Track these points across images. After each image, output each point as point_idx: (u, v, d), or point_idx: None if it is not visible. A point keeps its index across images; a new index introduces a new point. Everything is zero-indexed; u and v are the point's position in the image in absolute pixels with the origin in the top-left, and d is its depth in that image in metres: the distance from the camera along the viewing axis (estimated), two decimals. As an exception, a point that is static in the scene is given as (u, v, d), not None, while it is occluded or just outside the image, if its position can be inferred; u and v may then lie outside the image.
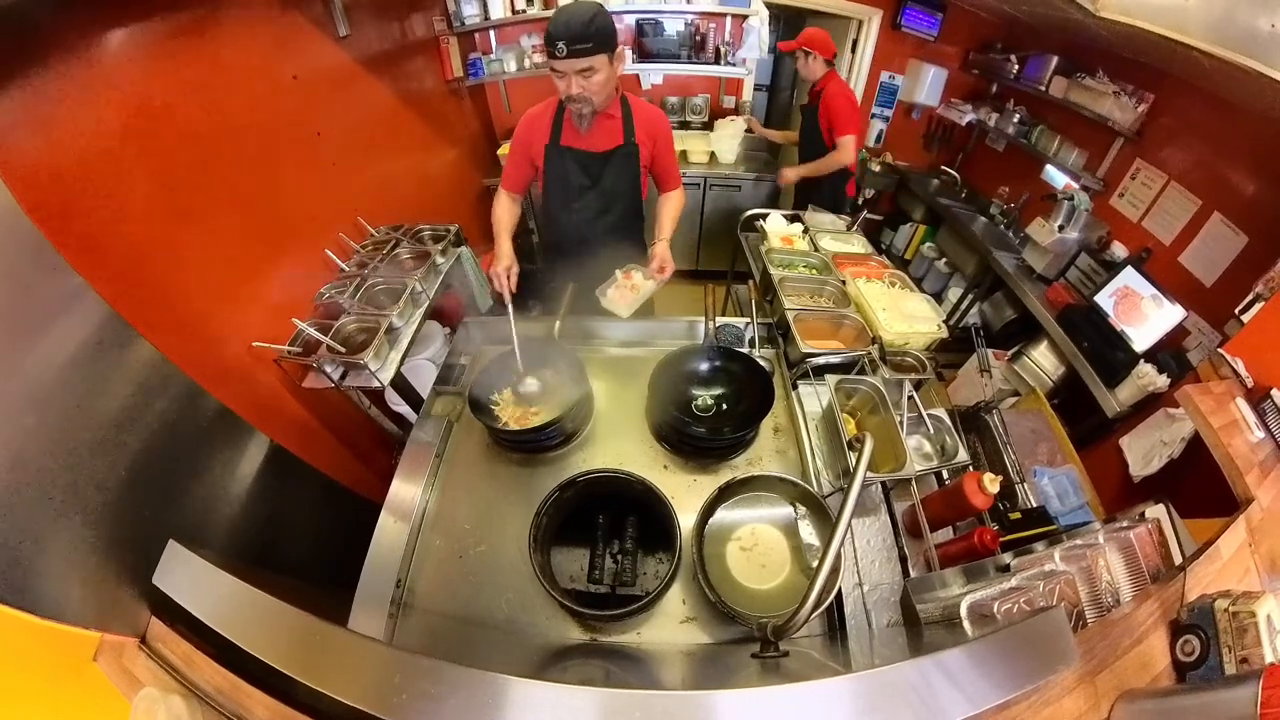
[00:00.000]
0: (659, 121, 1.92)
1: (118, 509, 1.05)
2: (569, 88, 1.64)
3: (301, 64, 2.06)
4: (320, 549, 1.67)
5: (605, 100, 1.76)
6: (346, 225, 2.31)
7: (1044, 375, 2.77)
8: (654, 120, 1.91)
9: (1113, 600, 1.18)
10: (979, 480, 1.28)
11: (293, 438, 1.69)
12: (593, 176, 1.94)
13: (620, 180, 1.95)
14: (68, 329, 1.01)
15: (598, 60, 1.59)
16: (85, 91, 1.26)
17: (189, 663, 1.01)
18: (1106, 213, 3.04)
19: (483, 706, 0.69)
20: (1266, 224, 2.31)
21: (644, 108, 1.91)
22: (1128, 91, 2.89)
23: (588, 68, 1.59)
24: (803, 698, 0.71)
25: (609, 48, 1.60)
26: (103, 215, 1.30)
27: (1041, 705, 0.96)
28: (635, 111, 1.88)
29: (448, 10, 3.36)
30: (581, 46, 1.54)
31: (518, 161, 1.95)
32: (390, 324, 1.88)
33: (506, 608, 1.26)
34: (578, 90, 1.64)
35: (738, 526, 1.34)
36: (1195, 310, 2.45)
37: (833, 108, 3.08)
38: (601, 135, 1.86)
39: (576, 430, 1.59)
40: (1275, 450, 1.65)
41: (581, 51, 1.55)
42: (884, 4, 3.90)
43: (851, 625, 1.22)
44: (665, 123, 1.95)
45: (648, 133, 1.89)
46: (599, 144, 1.87)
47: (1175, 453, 1.96)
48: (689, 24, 3.80)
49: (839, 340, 1.89)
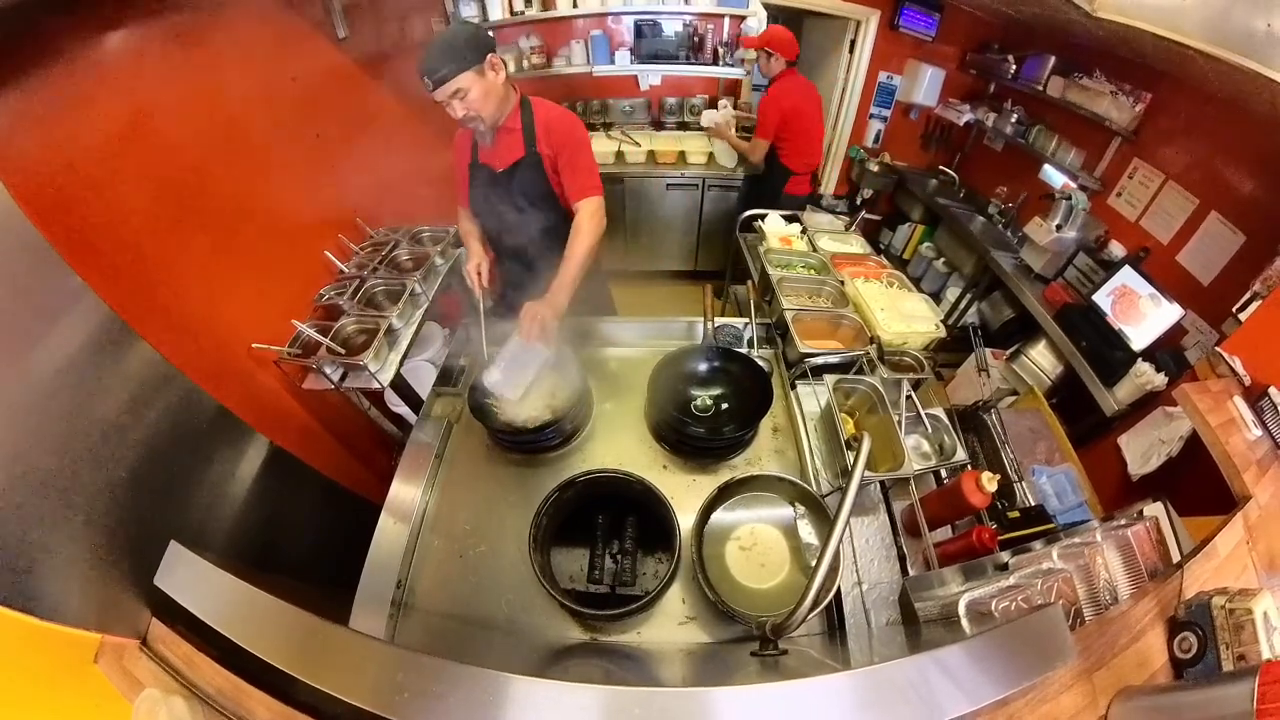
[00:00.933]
0: (559, 121, 1.79)
1: (117, 510, 1.05)
2: (454, 112, 1.62)
3: (301, 66, 2.07)
4: (320, 550, 1.67)
5: (497, 112, 1.69)
6: (346, 227, 2.32)
7: (1042, 374, 2.77)
8: (553, 122, 1.79)
9: (1110, 598, 1.18)
10: (977, 479, 1.28)
11: (292, 439, 1.69)
12: (501, 193, 1.87)
13: (529, 192, 1.85)
14: (67, 330, 1.02)
15: (463, 79, 1.56)
16: (85, 93, 1.27)
17: (190, 664, 1.01)
18: (1104, 212, 3.05)
19: (484, 704, 0.70)
20: (1264, 223, 2.31)
21: (547, 112, 1.81)
22: (1125, 91, 2.90)
23: (456, 90, 1.57)
24: (801, 695, 0.72)
25: (469, 63, 1.56)
26: (102, 217, 1.30)
27: (1039, 702, 0.96)
28: (537, 119, 1.78)
29: (447, 11, 3.37)
30: (440, 75, 1.53)
31: (459, 178, 1.94)
32: (390, 325, 1.89)
33: (506, 608, 1.27)
34: (462, 112, 1.61)
35: (737, 526, 1.34)
36: (1193, 309, 2.46)
37: (759, 108, 3.24)
38: (504, 149, 1.81)
39: (576, 431, 1.60)
40: (1273, 448, 1.66)
41: (442, 78, 1.53)
42: (881, 4, 3.91)
43: (850, 624, 1.22)
44: (568, 122, 1.81)
45: (548, 139, 1.79)
46: (503, 159, 1.82)
47: (1173, 451, 1.97)
48: (687, 25, 3.80)
49: (837, 340, 1.90)
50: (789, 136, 3.27)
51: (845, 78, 4.27)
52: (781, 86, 3.19)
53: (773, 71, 3.21)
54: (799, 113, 3.20)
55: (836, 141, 4.57)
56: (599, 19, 3.80)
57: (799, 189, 3.45)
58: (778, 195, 3.39)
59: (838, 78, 4.31)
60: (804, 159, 3.37)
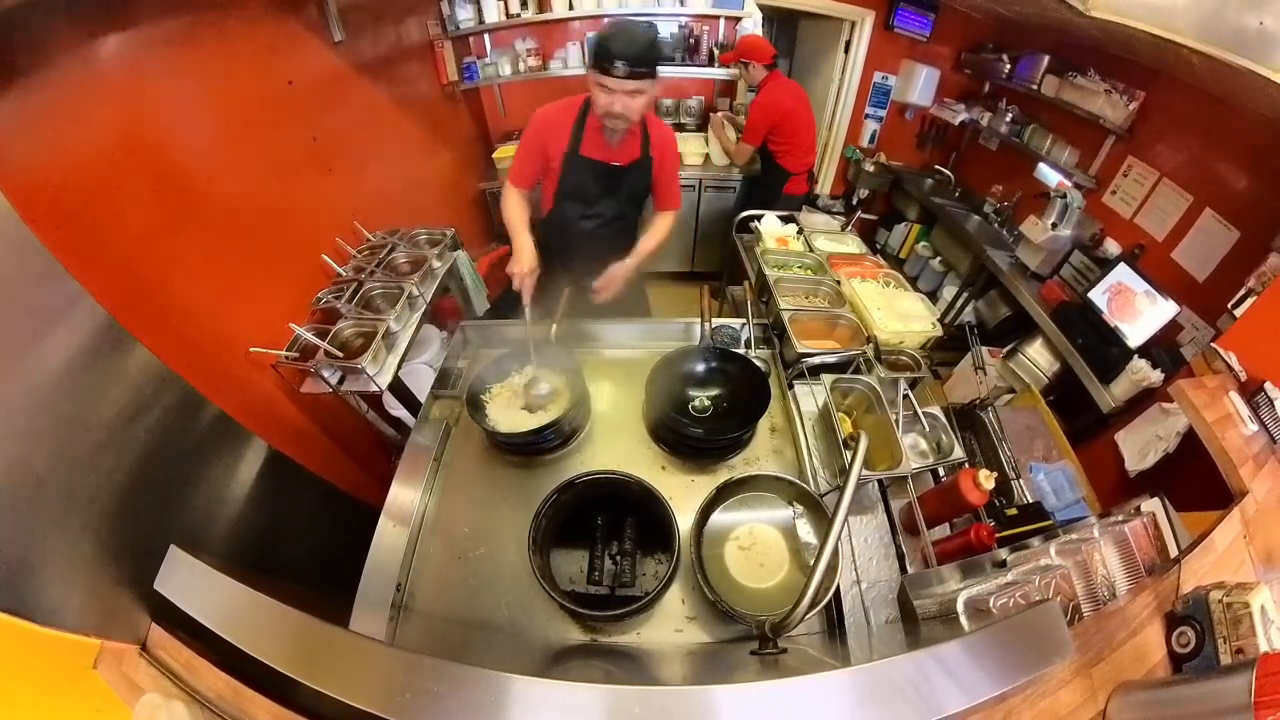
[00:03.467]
0: (670, 139, 2.00)
1: (116, 515, 1.05)
2: (612, 105, 1.64)
3: (297, 70, 2.07)
4: (320, 553, 1.67)
5: (640, 118, 1.80)
6: (343, 230, 2.32)
7: (1039, 372, 2.78)
8: (666, 137, 1.98)
9: (1108, 594, 1.19)
10: (974, 477, 1.28)
11: (291, 443, 1.69)
12: (609, 187, 1.98)
13: (635, 191, 2.02)
14: (65, 335, 1.01)
15: (649, 84, 1.62)
16: (82, 98, 1.27)
17: (190, 669, 1.01)
18: (1099, 210, 3.06)
19: (485, 704, 0.70)
20: (1257, 219, 2.33)
21: (658, 124, 1.98)
22: (1119, 89, 2.92)
23: (638, 90, 1.61)
24: (800, 692, 0.72)
25: (658, 71, 1.64)
26: (99, 221, 1.30)
27: (1038, 698, 0.96)
28: (650, 127, 1.94)
29: (442, 14, 3.38)
30: (641, 70, 1.56)
31: (530, 158, 1.94)
32: (387, 328, 1.89)
33: (506, 610, 1.26)
34: (621, 109, 1.65)
35: (736, 526, 1.34)
36: (1188, 305, 2.47)
37: (749, 113, 3.29)
38: (625, 148, 1.91)
39: (574, 432, 1.60)
40: (1269, 443, 1.67)
41: (640, 74, 1.57)
42: (876, 5, 3.93)
43: (850, 622, 1.22)
44: (674, 139, 2.02)
45: (659, 148, 1.96)
46: (621, 157, 1.92)
47: (1170, 447, 1.97)
48: (683, 26, 3.81)
49: (834, 340, 1.90)
50: (783, 139, 3.29)
51: (840, 78, 4.29)
52: (770, 92, 3.20)
53: (756, 79, 3.24)
54: (790, 115, 3.21)
55: (832, 142, 4.59)
56: (595, 21, 3.81)
57: (796, 189, 3.47)
58: (776, 196, 3.40)
59: (833, 78, 4.33)
60: (799, 159, 3.39)
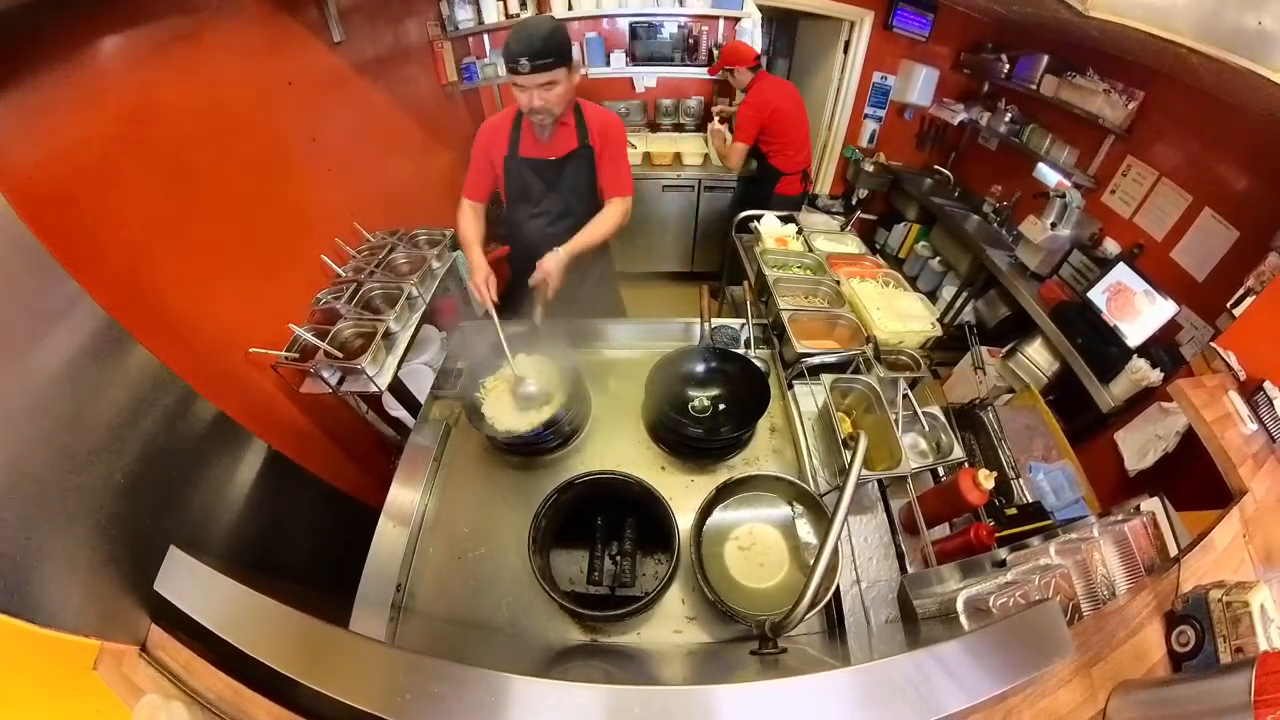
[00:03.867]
0: (612, 124, 1.95)
1: (115, 516, 1.05)
2: (531, 100, 1.68)
3: (296, 70, 2.07)
4: (319, 554, 1.66)
5: (565, 109, 1.80)
6: (343, 230, 2.32)
7: (1038, 371, 2.78)
8: (607, 123, 1.94)
9: (1108, 593, 1.19)
10: (974, 477, 1.28)
11: (291, 443, 1.69)
12: (550, 181, 1.97)
13: (578, 182, 1.99)
14: (65, 336, 1.01)
15: (558, 74, 1.64)
16: (81, 98, 1.27)
17: (190, 669, 1.01)
18: (1098, 210, 3.06)
19: (485, 705, 0.70)
20: (1257, 218, 2.33)
21: (597, 111, 1.95)
22: (1118, 89, 2.92)
23: (549, 81, 1.64)
24: (801, 692, 0.72)
25: (568, 60, 1.66)
26: (99, 222, 1.30)
27: (1038, 697, 0.96)
28: (588, 115, 1.92)
29: (441, 15, 3.37)
30: (543, 62, 1.59)
31: (479, 170, 1.97)
32: (387, 328, 1.89)
33: (506, 610, 1.26)
34: (539, 103, 1.68)
35: (736, 526, 1.34)
36: (1188, 305, 2.47)
37: (738, 115, 3.25)
38: (559, 142, 1.90)
39: (574, 432, 1.60)
40: (1268, 442, 1.67)
41: (543, 66, 1.59)
42: (875, 5, 3.93)
43: (850, 622, 1.22)
44: (618, 125, 1.97)
45: (599, 136, 1.93)
46: (556, 150, 1.91)
47: (1170, 446, 1.97)
48: (682, 27, 3.81)
49: (834, 340, 1.90)
50: (774, 139, 3.28)
51: (840, 78, 4.29)
52: (759, 93, 3.19)
53: (744, 83, 3.24)
54: (779, 113, 3.20)
55: (831, 142, 4.59)
56: (594, 21, 3.81)
57: (790, 189, 3.45)
58: (768, 197, 3.40)
59: (832, 78, 4.33)
60: (792, 159, 3.37)
